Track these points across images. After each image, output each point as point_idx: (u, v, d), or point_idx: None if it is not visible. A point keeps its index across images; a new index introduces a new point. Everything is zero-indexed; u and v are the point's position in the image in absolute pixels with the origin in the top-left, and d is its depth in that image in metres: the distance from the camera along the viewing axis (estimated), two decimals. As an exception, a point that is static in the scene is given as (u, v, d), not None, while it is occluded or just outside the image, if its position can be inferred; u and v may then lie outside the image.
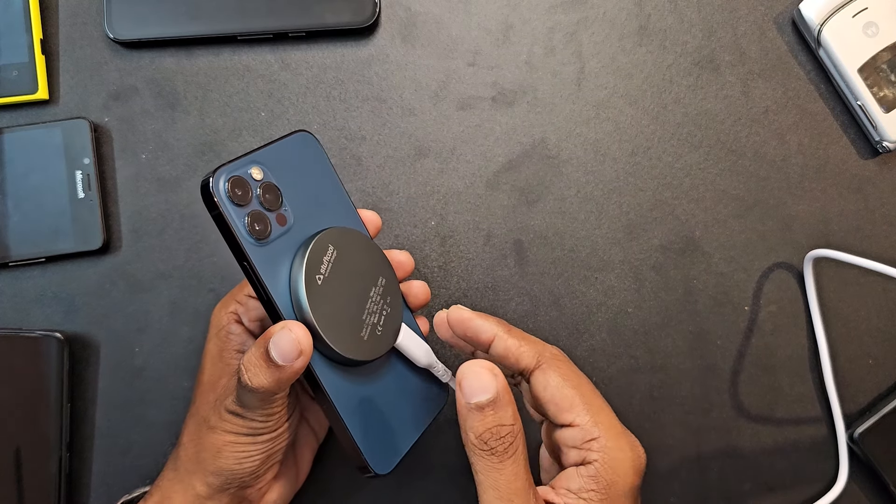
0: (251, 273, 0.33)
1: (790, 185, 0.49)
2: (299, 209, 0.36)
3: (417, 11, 0.49)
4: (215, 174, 0.33)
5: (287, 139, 0.36)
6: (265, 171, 0.35)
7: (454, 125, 0.49)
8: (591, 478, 0.33)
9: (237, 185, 0.33)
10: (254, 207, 0.34)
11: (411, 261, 0.40)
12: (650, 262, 0.48)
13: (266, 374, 0.33)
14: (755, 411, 0.48)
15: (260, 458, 0.37)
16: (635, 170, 0.49)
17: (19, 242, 0.46)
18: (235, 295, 0.40)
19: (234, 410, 0.35)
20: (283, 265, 0.34)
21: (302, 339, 0.33)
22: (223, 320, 0.39)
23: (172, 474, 0.38)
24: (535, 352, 0.36)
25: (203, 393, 0.39)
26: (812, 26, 0.48)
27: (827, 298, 0.48)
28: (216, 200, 0.33)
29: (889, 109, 0.47)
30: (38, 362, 0.44)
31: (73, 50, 0.48)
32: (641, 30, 0.50)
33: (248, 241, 0.33)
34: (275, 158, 0.35)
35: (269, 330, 0.33)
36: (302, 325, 0.33)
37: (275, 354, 0.33)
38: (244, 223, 0.33)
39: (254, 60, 0.49)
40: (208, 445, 0.36)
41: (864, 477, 0.47)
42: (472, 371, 0.32)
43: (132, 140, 0.48)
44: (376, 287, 0.37)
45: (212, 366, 0.39)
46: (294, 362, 0.33)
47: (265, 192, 0.34)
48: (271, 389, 0.34)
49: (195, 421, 0.38)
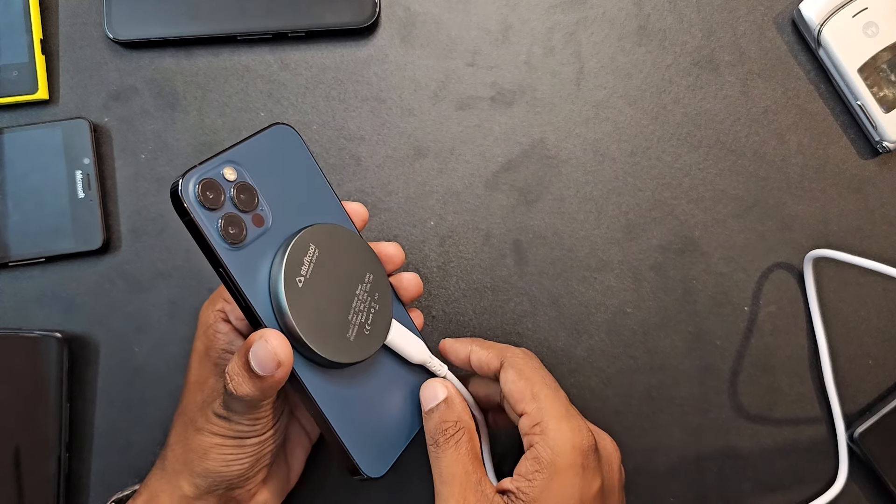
0: (227, 279, 0.32)
1: (790, 185, 0.49)
2: (278, 208, 0.34)
3: (417, 11, 0.49)
4: (184, 178, 0.31)
5: (262, 134, 0.35)
6: (239, 171, 0.33)
7: (453, 125, 0.49)
8: (535, 459, 0.35)
9: (208, 187, 0.32)
10: (227, 210, 0.32)
11: (401, 252, 0.40)
12: (649, 263, 0.48)
13: (249, 384, 0.33)
14: (754, 411, 0.48)
15: (248, 462, 0.37)
16: (634, 170, 0.49)
17: (19, 242, 0.46)
18: (222, 293, 0.39)
19: (221, 414, 0.35)
20: (262, 268, 0.33)
21: (279, 349, 0.32)
22: (210, 318, 0.39)
23: (160, 473, 0.38)
24: (498, 355, 0.39)
25: (190, 392, 0.38)
26: (812, 26, 0.48)
27: (827, 298, 0.48)
28: (186, 206, 0.31)
29: (889, 109, 0.47)
30: (37, 362, 0.44)
31: (73, 50, 0.48)
32: (641, 30, 0.49)
33: (223, 247, 0.32)
34: (250, 155, 0.34)
35: (250, 339, 0.33)
36: (279, 335, 0.32)
37: (254, 365, 0.32)
38: (217, 227, 0.32)
39: (253, 60, 0.49)
40: (195, 447, 0.36)
41: (864, 477, 0.47)
42: (426, 385, 0.38)
43: (132, 140, 0.48)
44: (363, 284, 0.36)
45: (199, 365, 0.39)
46: (275, 373, 0.32)
47: (239, 193, 0.33)
48: (256, 398, 0.34)
49: (182, 421, 0.38)
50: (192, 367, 0.39)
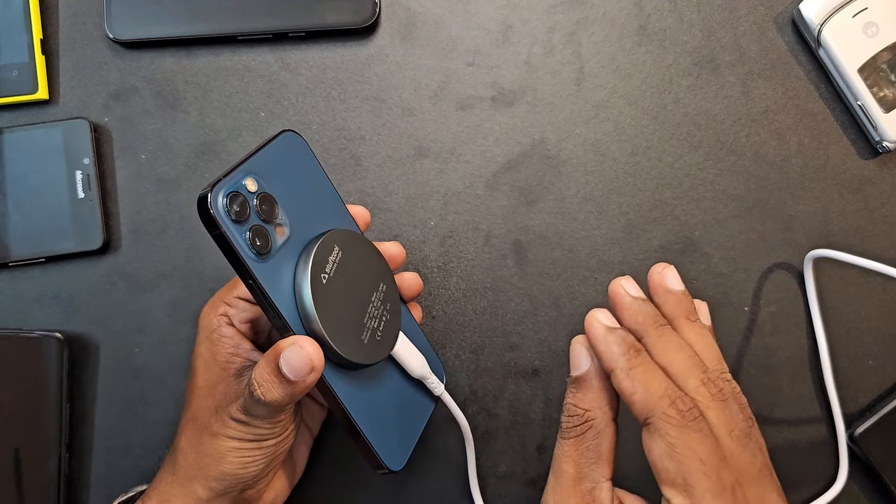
0: (257, 290, 0.32)
1: (790, 185, 0.49)
2: (294, 215, 0.35)
3: (417, 11, 0.49)
4: (213, 191, 0.31)
5: (275, 142, 0.35)
6: (259, 181, 0.33)
7: (454, 125, 0.49)
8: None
9: (235, 200, 0.32)
10: (254, 222, 0.32)
11: (402, 251, 0.40)
12: (650, 263, 0.48)
13: (279, 389, 0.33)
14: (755, 411, 0.47)
15: (264, 462, 0.37)
16: (635, 170, 0.49)
17: (19, 242, 0.46)
18: (224, 296, 0.39)
19: (240, 418, 0.35)
20: (286, 274, 0.34)
21: (313, 355, 0.32)
22: (213, 323, 0.38)
23: (171, 478, 0.37)
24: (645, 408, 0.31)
25: (199, 397, 0.38)
26: (812, 26, 0.48)
27: (827, 298, 0.48)
28: (217, 220, 0.31)
29: (889, 109, 0.47)
30: (37, 362, 0.44)
31: (73, 50, 0.48)
32: (641, 30, 0.49)
33: (252, 259, 0.32)
34: (266, 165, 0.34)
35: (279, 345, 0.33)
36: (312, 341, 0.33)
37: (286, 371, 0.32)
38: (246, 240, 0.32)
39: (253, 60, 0.49)
40: (211, 451, 0.36)
41: (864, 477, 0.47)
42: (573, 347, 0.34)
43: (132, 140, 0.48)
44: (377, 292, 0.37)
45: (205, 370, 0.38)
46: (307, 377, 0.33)
47: (262, 204, 0.33)
48: (284, 402, 0.34)
49: (194, 426, 0.37)
50: (198, 372, 0.38)
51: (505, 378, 0.47)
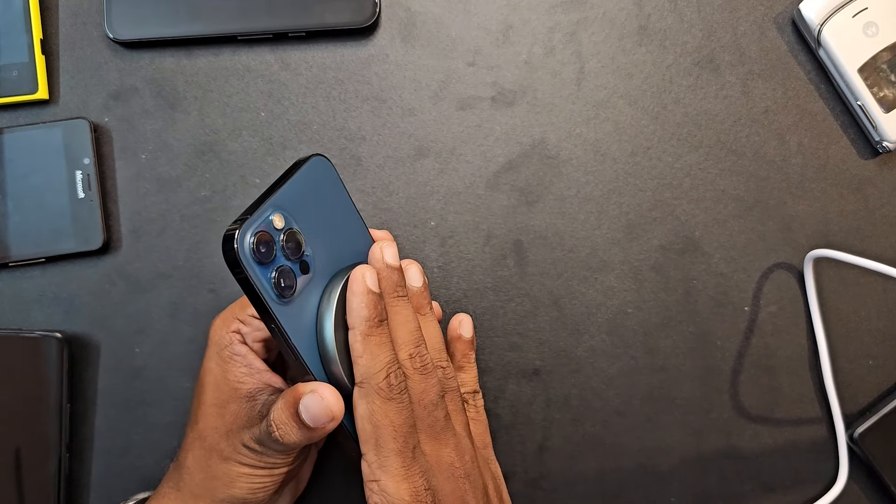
0: (278, 333, 0.32)
1: (790, 185, 0.49)
2: (319, 249, 0.34)
3: (417, 11, 0.49)
4: (240, 231, 0.30)
5: (303, 170, 0.34)
6: (286, 217, 0.32)
7: (454, 125, 0.49)
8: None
9: (262, 240, 0.31)
10: (279, 263, 0.31)
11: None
12: (650, 263, 0.48)
13: (298, 434, 0.33)
14: (755, 412, 0.48)
15: (274, 487, 0.36)
16: (635, 170, 0.49)
17: (19, 242, 0.46)
18: (237, 313, 0.38)
19: (254, 448, 0.35)
20: (308, 312, 0.33)
21: (334, 406, 0.32)
22: (225, 339, 0.37)
23: (175, 494, 0.37)
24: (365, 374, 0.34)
25: (208, 415, 0.37)
26: (812, 26, 0.48)
27: (827, 298, 0.48)
28: (243, 263, 0.30)
29: (889, 109, 0.47)
30: (37, 362, 0.44)
31: (73, 50, 0.48)
32: (641, 30, 0.49)
33: (275, 301, 0.31)
34: (293, 197, 0.33)
35: (299, 389, 0.33)
36: (332, 389, 0.32)
37: (306, 418, 0.32)
38: (271, 283, 0.31)
39: (254, 60, 0.49)
40: (220, 475, 0.35)
41: (864, 477, 0.47)
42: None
43: (132, 140, 0.48)
44: None
45: (215, 388, 0.37)
46: (326, 425, 0.33)
47: (287, 241, 0.32)
48: (302, 445, 0.34)
49: (202, 446, 0.36)
50: (207, 389, 0.37)
51: (505, 378, 0.47)
